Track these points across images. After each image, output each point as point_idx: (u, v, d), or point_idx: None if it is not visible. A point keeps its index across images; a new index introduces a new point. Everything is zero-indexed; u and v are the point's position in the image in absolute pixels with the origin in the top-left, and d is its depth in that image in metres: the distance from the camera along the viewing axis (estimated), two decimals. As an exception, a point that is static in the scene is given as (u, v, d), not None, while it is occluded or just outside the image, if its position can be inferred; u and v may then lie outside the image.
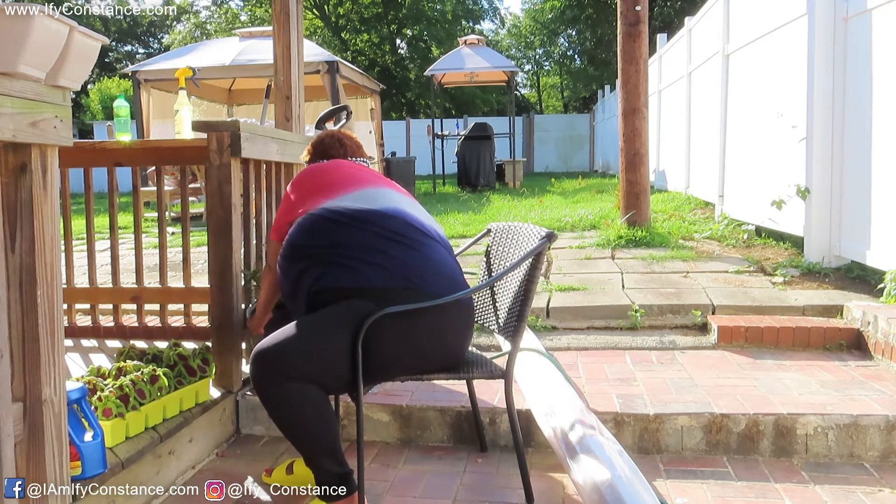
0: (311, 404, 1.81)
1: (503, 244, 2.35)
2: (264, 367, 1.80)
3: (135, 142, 3.01)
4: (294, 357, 1.79)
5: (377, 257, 1.92)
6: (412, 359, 1.96)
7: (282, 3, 2.98)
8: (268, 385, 1.80)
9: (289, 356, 1.79)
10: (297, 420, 1.83)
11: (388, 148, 13.36)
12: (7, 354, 1.37)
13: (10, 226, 1.38)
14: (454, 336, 2.04)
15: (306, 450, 1.90)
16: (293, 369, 1.78)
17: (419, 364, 1.97)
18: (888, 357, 2.90)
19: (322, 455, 1.87)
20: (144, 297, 3.22)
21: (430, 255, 1.99)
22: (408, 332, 1.90)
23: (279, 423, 1.86)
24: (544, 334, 3.42)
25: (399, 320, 1.86)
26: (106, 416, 2.05)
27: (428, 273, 1.95)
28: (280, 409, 1.82)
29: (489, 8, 31.04)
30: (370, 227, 1.95)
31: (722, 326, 3.27)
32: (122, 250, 3.35)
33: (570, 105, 31.08)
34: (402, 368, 1.97)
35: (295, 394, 1.78)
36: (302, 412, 1.81)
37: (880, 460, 2.32)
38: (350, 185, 2.07)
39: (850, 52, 4.09)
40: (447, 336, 2.01)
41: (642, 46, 5.61)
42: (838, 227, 4.22)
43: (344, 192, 2.03)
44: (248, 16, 28.49)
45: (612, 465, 1.87)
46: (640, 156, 5.65)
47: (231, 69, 9.59)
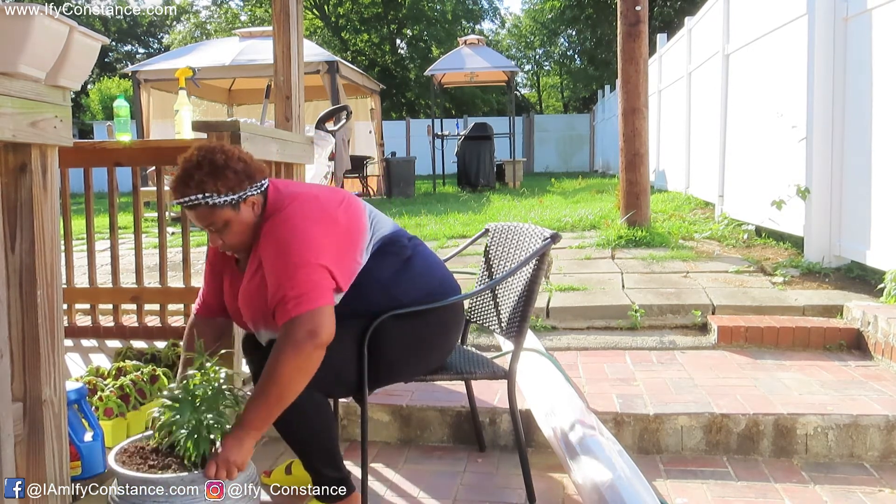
0: (312, 410, 1.80)
1: (503, 244, 2.35)
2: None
3: (135, 142, 3.02)
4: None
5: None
6: (418, 359, 1.97)
7: (282, 3, 2.97)
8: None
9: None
10: (297, 426, 1.82)
11: (388, 148, 13.36)
12: (7, 354, 1.37)
13: (10, 226, 1.38)
14: (456, 335, 2.07)
15: (305, 455, 1.89)
16: None
17: (424, 365, 1.98)
18: (888, 357, 2.90)
19: (320, 461, 1.86)
20: (144, 297, 3.22)
21: (428, 257, 2.01)
22: (413, 333, 1.90)
23: (280, 429, 1.84)
24: (544, 334, 3.42)
25: (404, 322, 1.86)
26: (107, 416, 2.05)
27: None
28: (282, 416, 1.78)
29: (489, 8, 31.07)
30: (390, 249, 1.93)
31: (722, 326, 3.27)
32: (122, 250, 3.35)
33: (570, 105, 31.08)
34: (408, 371, 1.97)
35: (298, 400, 1.75)
36: (303, 418, 1.80)
37: (880, 460, 2.32)
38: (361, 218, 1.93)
39: (850, 52, 4.09)
40: (451, 335, 2.04)
41: (642, 46, 5.61)
42: (838, 227, 4.22)
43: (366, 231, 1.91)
44: (248, 16, 28.50)
45: (612, 465, 1.87)
46: (640, 156, 5.65)
47: (231, 69, 9.60)
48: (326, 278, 1.73)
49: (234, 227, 1.78)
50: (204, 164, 1.75)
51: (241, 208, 1.78)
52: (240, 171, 1.77)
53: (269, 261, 1.75)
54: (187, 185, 1.74)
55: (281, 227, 1.76)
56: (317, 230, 1.77)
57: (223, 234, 1.79)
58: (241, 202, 1.77)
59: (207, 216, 1.76)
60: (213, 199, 1.73)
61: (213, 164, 1.75)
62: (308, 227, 1.76)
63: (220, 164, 1.75)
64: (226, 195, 1.74)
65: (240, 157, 1.81)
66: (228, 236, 1.80)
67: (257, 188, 1.81)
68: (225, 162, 1.76)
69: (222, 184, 1.74)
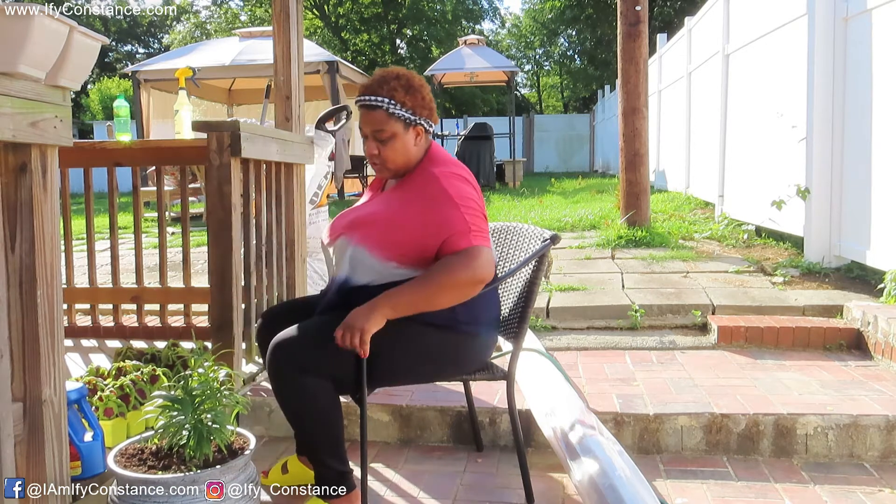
0: (323, 399, 1.82)
1: (500, 244, 2.35)
2: (283, 357, 1.80)
3: (135, 142, 3.02)
4: (311, 351, 1.80)
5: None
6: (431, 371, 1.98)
7: (282, 3, 2.97)
8: (285, 375, 1.80)
9: (306, 350, 1.80)
10: (308, 413, 1.84)
11: (388, 148, 13.34)
12: (7, 354, 1.37)
13: (10, 226, 1.38)
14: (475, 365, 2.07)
15: (312, 444, 1.91)
16: (309, 363, 1.79)
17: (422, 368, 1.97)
18: (888, 357, 2.90)
19: (326, 451, 1.87)
20: (144, 297, 3.22)
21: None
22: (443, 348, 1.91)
23: (290, 415, 1.87)
24: (544, 334, 3.42)
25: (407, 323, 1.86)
26: (107, 416, 2.05)
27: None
28: (293, 402, 1.83)
29: (489, 8, 31.07)
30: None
31: (722, 326, 3.27)
32: (122, 250, 3.35)
33: (570, 105, 31.09)
34: (408, 374, 1.97)
35: (310, 387, 1.79)
36: (314, 406, 1.82)
37: (880, 460, 2.32)
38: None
39: (850, 52, 4.09)
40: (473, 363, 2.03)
41: (642, 46, 5.61)
42: (838, 227, 4.22)
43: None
44: (248, 16, 28.49)
45: (612, 465, 1.87)
46: (640, 156, 5.65)
47: (231, 69, 9.59)
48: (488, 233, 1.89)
49: (397, 144, 1.90)
50: (402, 77, 1.90)
51: (410, 131, 1.91)
52: (426, 100, 1.93)
53: (434, 199, 1.83)
54: (381, 86, 1.88)
55: (451, 177, 1.88)
56: (478, 198, 1.92)
57: (384, 146, 1.90)
58: (412, 125, 1.91)
59: (381, 122, 1.88)
60: (396, 109, 1.87)
61: (409, 81, 1.91)
62: (473, 191, 1.91)
63: (415, 85, 1.91)
64: (406, 110, 1.88)
65: (430, 94, 1.96)
66: (387, 150, 1.91)
67: (429, 124, 1.95)
68: (420, 85, 1.93)
69: (410, 99, 1.89)
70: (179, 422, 1.59)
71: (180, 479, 1.53)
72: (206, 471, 1.57)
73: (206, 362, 1.66)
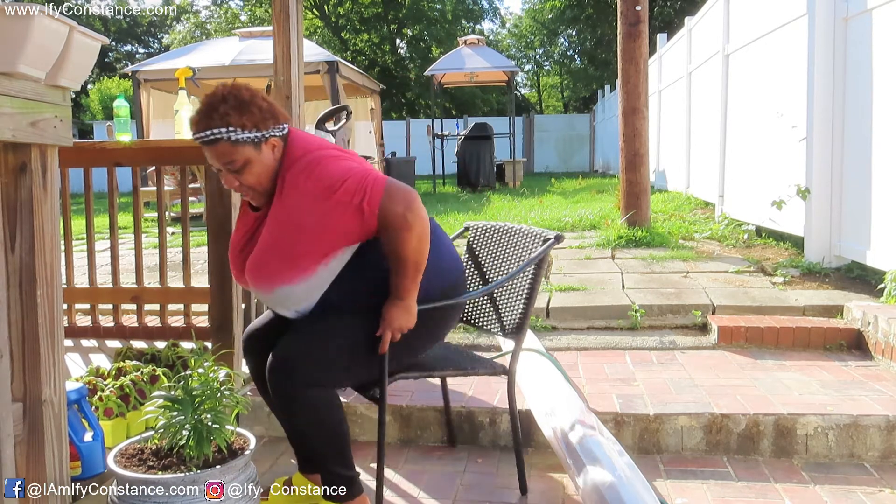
0: (330, 409, 1.80)
1: (501, 245, 2.34)
2: (285, 376, 1.76)
3: (135, 142, 3.01)
4: (313, 363, 1.77)
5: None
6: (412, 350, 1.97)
7: (282, 3, 2.97)
8: (290, 393, 1.76)
9: (308, 364, 1.76)
10: (316, 426, 1.80)
11: (388, 148, 13.37)
12: (7, 354, 1.37)
13: (10, 226, 1.38)
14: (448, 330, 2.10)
15: (320, 455, 1.86)
16: (313, 377, 1.76)
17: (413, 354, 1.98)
18: (888, 357, 2.90)
19: (334, 459, 1.84)
20: (144, 297, 3.22)
21: (449, 245, 2.06)
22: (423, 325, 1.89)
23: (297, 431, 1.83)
24: (544, 334, 3.42)
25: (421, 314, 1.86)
26: (107, 416, 2.06)
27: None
28: (301, 417, 1.79)
29: (489, 8, 31.06)
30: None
31: (722, 326, 3.27)
32: (121, 250, 3.36)
33: (570, 105, 31.08)
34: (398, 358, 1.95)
35: (317, 400, 1.75)
36: (322, 418, 1.79)
37: (880, 460, 2.32)
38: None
39: (850, 52, 4.09)
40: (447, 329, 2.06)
41: (642, 46, 5.61)
42: (838, 227, 4.22)
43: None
44: (248, 16, 28.49)
45: (613, 465, 1.87)
46: (640, 156, 5.65)
47: (231, 69, 9.57)
48: (376, 171, 1.77)
49: (254, 168, 1.74)
50: (229, 98, 1.71)
51: (263, 149, 1.74)
52: (264, 109, 1.74)
53: (309, 196, 1.71)
54: (211, 117, 1.70)
55: (318, 162, 1.74)
56: (348, 162, 1.78)
57: (241, 175, 1.75)
58: (263, 142, 1.73)
59: (228, 153, 1.72)
60: (237, 135, 1.69)
61: (238, 99, 1.71)
62: (340, 162, 1.76)
63: (245, 99, 1.72)
64: (250, 131, 1.71)
65: (263, 97, 1.77)
66: (248, 177, 1.75)
67: (279, 130, 1.77)
68: (251, 98, 1.73)
69: (247, 118, 1.70)
70: (179, 422, 1.59)
71: (180, 479, 1.53)
72: (206, 471, 1.57)
73: (206, 362, 1.66)
